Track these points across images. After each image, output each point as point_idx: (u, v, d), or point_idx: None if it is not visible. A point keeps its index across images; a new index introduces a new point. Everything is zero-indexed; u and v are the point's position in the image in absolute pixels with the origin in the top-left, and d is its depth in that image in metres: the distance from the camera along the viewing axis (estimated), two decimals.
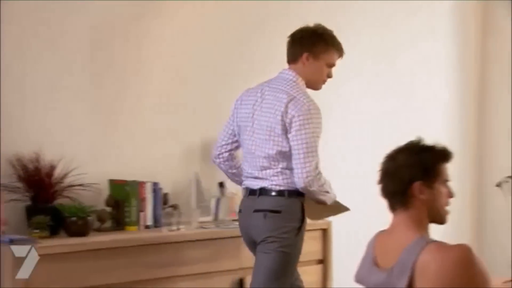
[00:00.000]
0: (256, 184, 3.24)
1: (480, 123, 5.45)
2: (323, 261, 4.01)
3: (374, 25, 4.88)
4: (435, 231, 2.47)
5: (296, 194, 3.19)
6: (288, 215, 3.18)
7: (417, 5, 5.09)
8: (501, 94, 5.38)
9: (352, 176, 4.66)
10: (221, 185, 3.99)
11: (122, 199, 3.56)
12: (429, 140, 2.46)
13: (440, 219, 2.43)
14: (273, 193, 3.20)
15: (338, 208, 3.45)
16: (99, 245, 3.19)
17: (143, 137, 3.84)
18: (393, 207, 2.43)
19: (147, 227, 3.64)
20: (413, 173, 2.37)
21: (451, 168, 2.59)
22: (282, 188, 3.19)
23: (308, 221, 4.02)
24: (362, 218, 4.38)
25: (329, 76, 3.36)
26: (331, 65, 3.34)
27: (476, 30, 5.50)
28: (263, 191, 3.21)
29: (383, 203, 2.44)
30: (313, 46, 3.29)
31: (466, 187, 5.39)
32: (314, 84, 3.34)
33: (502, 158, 5.14)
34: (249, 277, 3.64)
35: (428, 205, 2.39)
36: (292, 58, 3.33)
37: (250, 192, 3.26)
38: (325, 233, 4.03)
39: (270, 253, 3.17)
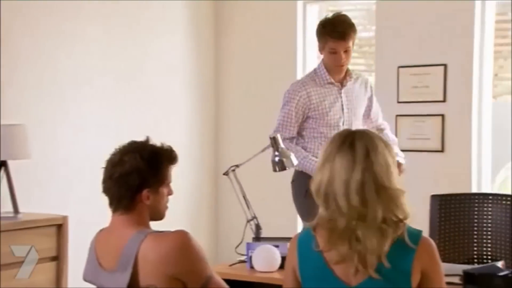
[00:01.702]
0: None
1: (216, 118, 5.74)
2: (58, 258, 3.84)
3: (120, 26, 4.79)
4: (176, 218, 2.47)
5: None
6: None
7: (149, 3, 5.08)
8: (234, 94, 5.72)
9: (89, 168, 4.52)
10: None
11: None
12: (156, 137, 2.44)
13: (159, 217, 2.47)
14: None
15: None
16: None
17: None
18: (115, 209, 2.42)
19: None
20: (141, 181, 2.35)
21: (191, 161, 2.62)
22: None
23: (42, 216, 3.87)
24: (100, 213, 4.27)
25: (338, 60, 3.74)
26: (333, 51, 3.72)
27: (210, 30, 5.64)
28: None
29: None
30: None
31: (205, 178, 5.62)
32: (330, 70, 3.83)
33: (233, 150, 5.51)
34: None
35: (151, 208, 2.41)
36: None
37: None
38: (60, 228, 3.87)
39: None
